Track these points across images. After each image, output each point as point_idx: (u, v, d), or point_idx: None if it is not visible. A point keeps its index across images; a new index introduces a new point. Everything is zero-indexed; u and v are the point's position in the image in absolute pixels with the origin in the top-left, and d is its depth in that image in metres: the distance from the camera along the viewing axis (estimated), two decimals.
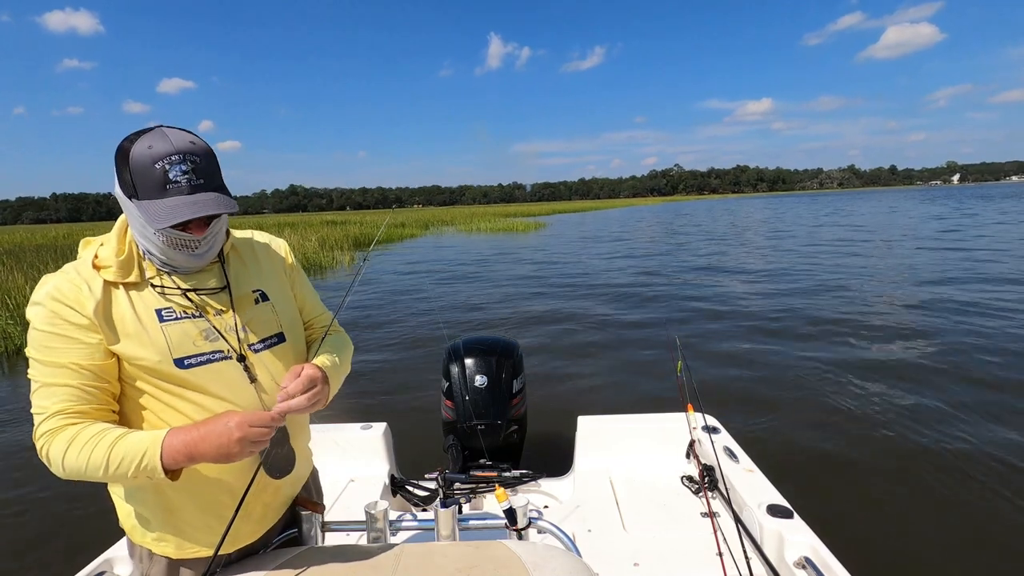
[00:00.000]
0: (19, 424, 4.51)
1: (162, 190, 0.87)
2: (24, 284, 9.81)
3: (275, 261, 1.16)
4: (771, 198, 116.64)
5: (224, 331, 0.99)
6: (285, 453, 1.05)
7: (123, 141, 0.89)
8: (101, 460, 0.85)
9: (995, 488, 2.97)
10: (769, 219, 31.60)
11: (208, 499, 1.00)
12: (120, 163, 0.88)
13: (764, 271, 11.61)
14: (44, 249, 20.29)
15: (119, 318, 0.92)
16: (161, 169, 0.86)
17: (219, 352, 0.98)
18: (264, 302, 1.07)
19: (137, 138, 0.88)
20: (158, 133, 0.88)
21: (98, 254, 0.95)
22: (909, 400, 4.26)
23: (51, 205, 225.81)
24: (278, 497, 1.12)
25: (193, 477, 0.97)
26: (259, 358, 1.03)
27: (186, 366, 0.94)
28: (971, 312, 6.95)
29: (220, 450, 0.85)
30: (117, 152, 0.89)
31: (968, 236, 16.44)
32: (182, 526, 1.00)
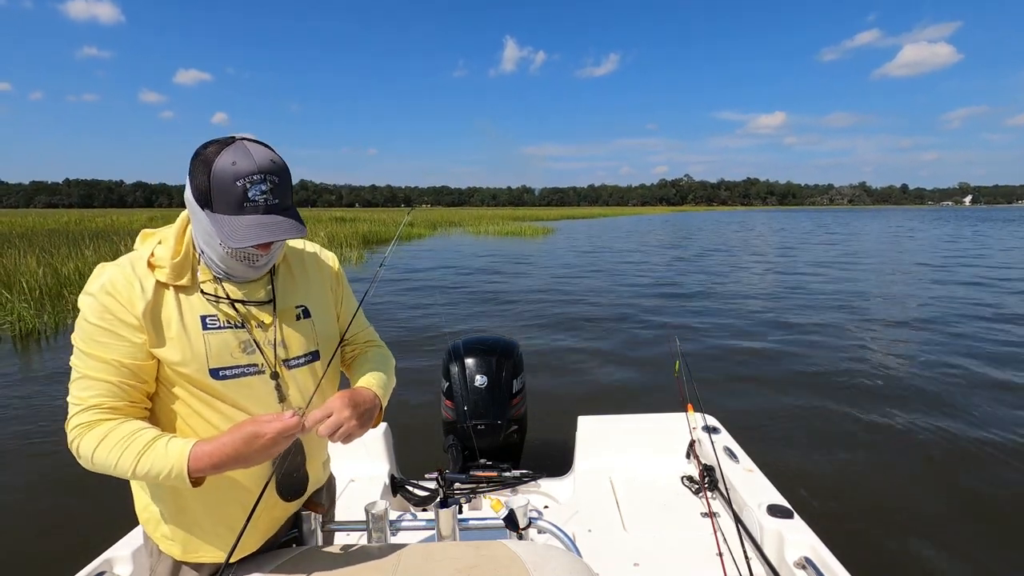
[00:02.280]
0: (24, 418, 4.56)
1: (239, 208, 0.87)
2: (36, 268, 9.89)
3: (324, 275, 1.15)
4: (781, 212, 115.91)
5: (263, 344, 0.99)
6: (300, 478, 1.06)
7: (204, 150, 0.88)
8: (130, 464, 0.86)
9: (996, 488, 2.96)
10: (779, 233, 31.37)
11: (221, 508, 1.01)
12: (199, 172, 0.87)
13: (768, 276, 11.55)
14: (56, 234, 20.49)
15: (166, 320, 0.92)
16: (242, 187, 0.86)
17: (254, 366, 0.98)
18: (306, 319, 1.07)
19: (221, 150, 0.87)
20: (240, 148, 0.87)
21: (155, 252, 0.94)
22: (909, 400, 4.26)
23: (63, 190, 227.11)
24: (287, 512, 1.13)
25: (207, 486, 0.95)
26: (292, 375, 1.03)
27: (220, 377, 0.95)
28: (974, 320, 6.91)
29: (242, 460, 0.88)
30: (197, 159, 0.88)
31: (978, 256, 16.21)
32: (192, 529, 1.01)
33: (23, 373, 5.60)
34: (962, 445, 3.46)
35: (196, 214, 0.92)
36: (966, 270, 12.49)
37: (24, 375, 5.52)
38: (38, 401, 4.70)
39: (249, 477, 1.00)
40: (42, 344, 6.64)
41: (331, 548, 1.07)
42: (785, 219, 57.93)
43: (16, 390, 5.00)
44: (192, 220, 0.95)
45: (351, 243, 19.55)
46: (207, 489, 0.96)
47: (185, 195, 0.93)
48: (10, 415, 4.42)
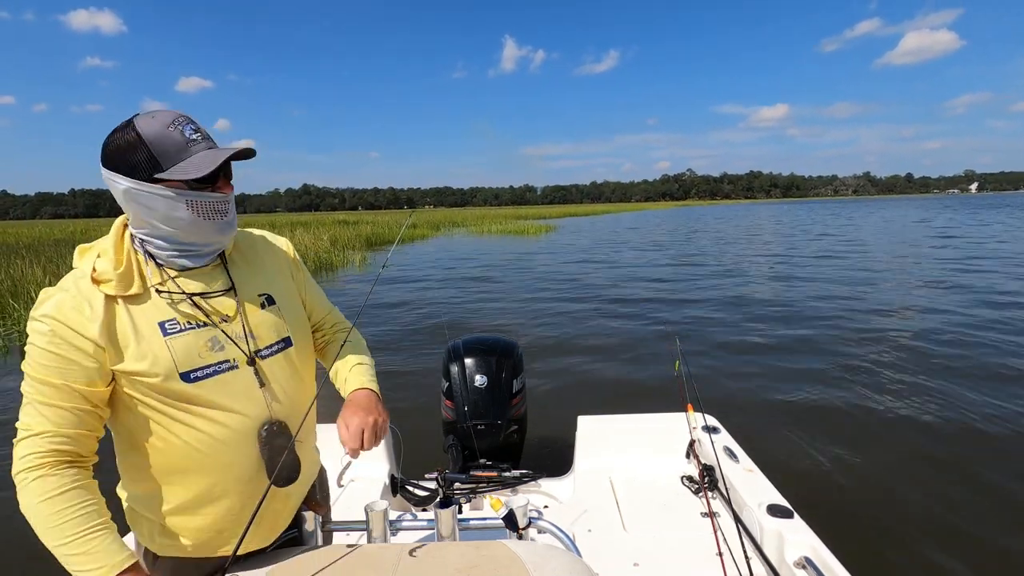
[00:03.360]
0: None
1: (185, 150, 0.88)
2: (43, 278, 10.00)
3: (280, 261, 1.12)
4: (786, 204, 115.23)
5: (233, 337, 0.97)
6: (290, 462, 1.05)
7: (116, 136, 0.88)
8: (60, 539, 0.83)
9: (996, 488, 2.94)
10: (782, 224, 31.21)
11: (212, 505, 0.98)
12: (131, 151, 0.87)
13: (769, 275, 11.50)
14: (62, 244, 20.65)
15: (122, 334, 0.89)
16: (177, 131, 0.88)
17: (226, 362, 0.96)
18: (271, 306, 1.04)
19: (129, 124, 0.88)
20: (146, 115, 0.89)
21: (96, 267, 0.90)
22: (910, 400, 4.23)
23: (69, 200, 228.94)
24: (287, 504, 1.11)
25: (192, 482, 0.96)
26: (267, 364, 1.01)
27: (192, 380, 0.92)
28: (980, 316, 6.85)
29: None
30: (116, 146, 0.88)
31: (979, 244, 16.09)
32: (191, 531, 0.99)
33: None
34: (964, 445, 3.43)
35: (142, 195, 0.88)
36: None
37: None
38: None
39: (236, 467, 0.98)
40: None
41: (331, 548, 1.07)
42: (795, 211, 57.53)
43: (14, 393, 5.06)
44: (137, 211, 0.91)
45: (355, 245, 19.64)
46: (191, 486, 0.96)
47: (121, 191, 0.89)
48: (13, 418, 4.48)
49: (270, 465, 1.00)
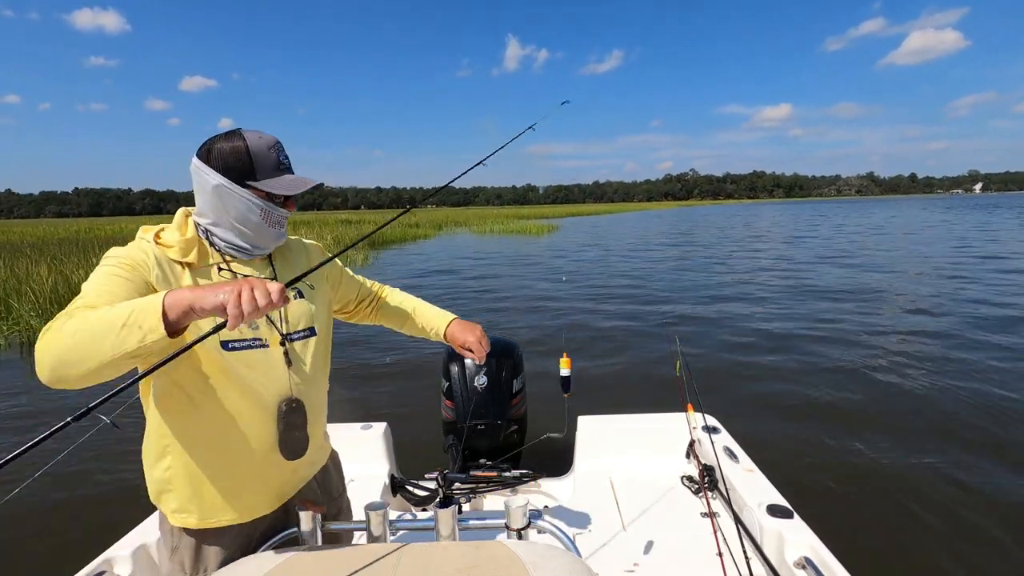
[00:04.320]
0: (26, 420, 4.61)
1: (277, 170, 1.07)
2: (47, 276, 10.05)
3: (313, 261, 1.27)
4: (790, 204, 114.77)
5: (271, 318, 1.10)
6: (301, 437, 1.14)
7: (221, 140, 1.05)
8: (105, 314, 0.81)
9: (996, 488, 2.93)
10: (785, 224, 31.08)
11: (229, 469, 1.07)
12: (233, 156, 1.04)
13: (769, 273, 11.48)
14: (66, 243, 20.75)
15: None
16: (274, 154, 1.07)
17: (258, 340, 1.07)
18: (302, 298, 1.18)
19: (239, 136, 1.05)
20: (251, 132, 1.07)
21: (160, 235, 1.05)
22: (910, 400, 4.22)
23: (73, 199, 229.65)
24: (295, 476, 1.18)
25: (216, 445, 1.05)
26: (294, 347, 1.13)
27: (229, 348, 1.04)
28: (981, 313, 6.84)
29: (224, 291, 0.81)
30: (222, 150, 1.04)
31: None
32: (204, 494, 1.07)
33: (30, 379, 5.68)
34: (965, 444, 3.42)
35: (228, 194, 1.04)
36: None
37: (30, 381, 5.60)
38: (40, 405, 4.77)
39: (254, 436, 1.07)
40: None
41: (331, 548, 1.08)
42: (807, 212, 57.26)
43: (21, 395, 5.08)
44: (220, 206, 1.05)
45: (357, 245, 19.63)
46: (215, 450, 1.06)
47: (211, 184, 1.04)
48: (13, 418, 4.50)
49: (284, 438, 1.10)
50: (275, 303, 0.83)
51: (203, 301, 0.81)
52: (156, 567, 1.69)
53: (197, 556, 1.10)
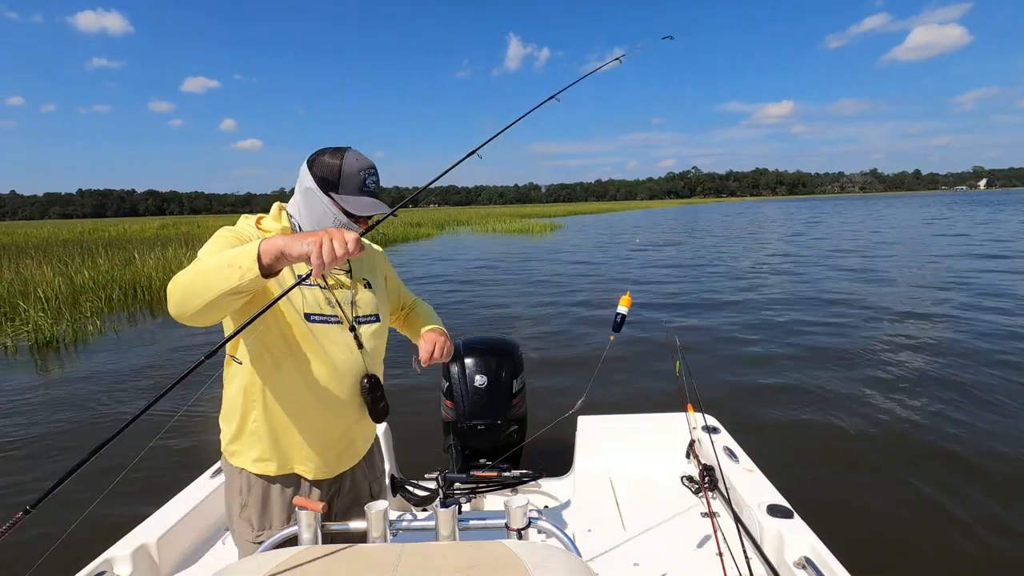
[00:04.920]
0: (30, 420, 4.63)
1: (359, 191, 1.22)
2: (52, 278, 10.07)
3: (377, 261, 1.44)
4: (795, 202, 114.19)
5: (341, 302, 1.26)
6: (384, 406, 1.33)
7: (324, 155, 1.22)
8: (215, 259, 0.99)
9: (996, 488, 2.92)
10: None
11: (308, 423, 1.23)
12: (327, 168, 1.21)
13: (769, 273, 11.45)
14: (71, 244, 20.84)
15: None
16: (362, 177, 1.22)
17: (335, 317, 1.24)
18: (369, 288, 1.35)
19: (343, 153, 1.22)
20: (354, 152, 1.24)
21: (260, 222, 1.25)
22: (911, 401, 4.21)
23: (77, 201, 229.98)
24: (357, 440, 1.35)
25: (296, 405, 1.21)
26: (363, 329, 1.29)
27: (312, 320, 1.21)
28: (983, 316, 6.79)
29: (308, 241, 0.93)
30: (322, 160, 1.22)
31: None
32: (282, 447, 1.23)
33: (39, 380, 5.71)
34: (966, 447, 3.40)
35: (315, 199, 1.21)
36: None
37: (38, 382, 5.63)
38: (47, 405, 4.79)
39: (330, 402, 1.24)
40: (60, 352, 6.77)
41: (330, 548, 1.08)
42: (806, 209, 56.91)
43: (27, 395, 5.11)
44: (305, 205, 1.23)
45: None
46: (312, 411, 1.22)
47: (304, 185, 1.23)
48: (18, 418, 4.52)
49: (372, 408, 1.30)
50: (351, 252, 0.95)
51: (291, 248, 0.95)
52: (156, 567, 1.70)
53: (264, 510, 1.26)
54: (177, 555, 1.79)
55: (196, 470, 2.14)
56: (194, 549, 1.86)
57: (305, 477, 1.28)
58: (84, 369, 6.02)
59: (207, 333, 7.38)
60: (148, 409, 0.90)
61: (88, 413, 4.62)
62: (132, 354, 6.58)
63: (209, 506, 1.96)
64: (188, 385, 0.95)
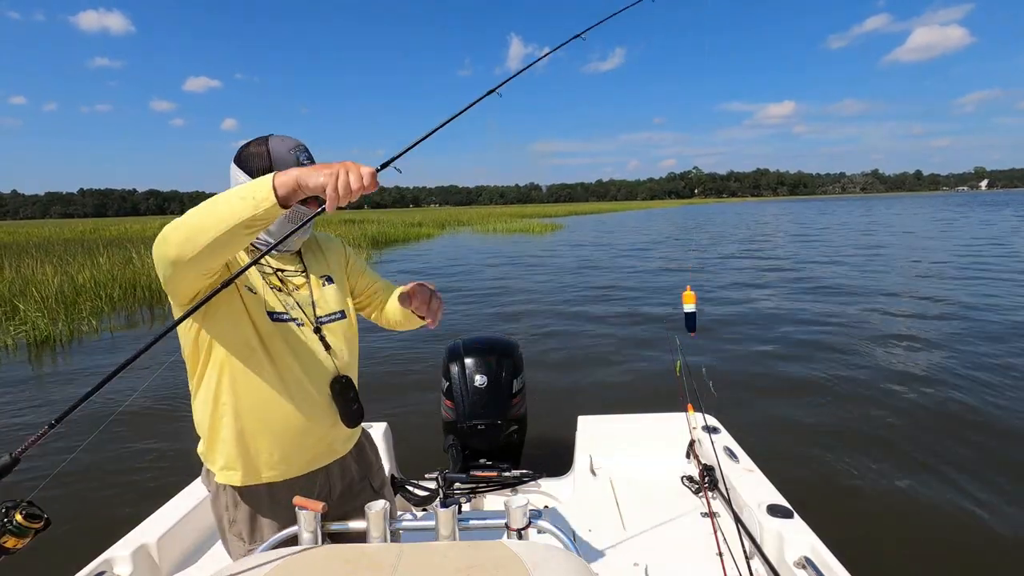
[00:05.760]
0: (28, 420, 4.64)
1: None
2: (52, 277, 10.06)
3: (337, 254, 1.38)
4: (797, 202, 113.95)
5: (302, 304, 1.22)
6: (357, 410, 1.28)
7: (249, 146, 1.16)
8: (220, 196, 0.95)
9: (996, 488, 2.91)
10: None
11: (279, 430, 1.18)
12: (256, 158, 1.14)
13: (770, 271, 11.43)
14: (72, 243, 20.84)
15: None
16: (294, 156, 1.15)
17: (296, 319, 1.20)
18: (330, 284, 1.30)
19: (265, 141, 1.16)
20: (276, 136, 1.17)
21: None
22: (911, 400, 4.20)
23: (78, 200, 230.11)
24: (335, 443, 1.29)
25: (271, 406, 1.16)
26: (329, 329, 1.25)
27: (275, 319, 1.17)
28: (982, 315, 6.78)
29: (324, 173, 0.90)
30: (248, 152, 1.16)
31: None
32: (251, 454, 1.18)
33: (34, 379, 5.72)
34: (966, 447, 3.39)
35: None
36: None
37: (34, 381, 5.64)
38: (43, 405, 4.80)
39: (308, 404, 1.20)
40: (56, 351, 6.77)
41: (330, 548, 1.08)
42: (808, 209, 56.76)
43: (24, 394, 5.12)
44: None
45: (360, 244, 19.73)
46: (268, 409, 1.16)
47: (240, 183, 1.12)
48: (15, 417, 4.53)
49: (343, 411, 1.24)
50: (367, 187, 0.93)
51: (307, 180, 0.91)
52: (156, 567, 1.70)
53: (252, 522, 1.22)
54: (177, 555, 1.79)
55: (196, 470, 2.14)
56: (194, 549, 1.86)
57: (274, 481, 1.22)
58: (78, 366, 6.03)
59: None
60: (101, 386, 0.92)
61: None
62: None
63: (209, 506, 1.96)
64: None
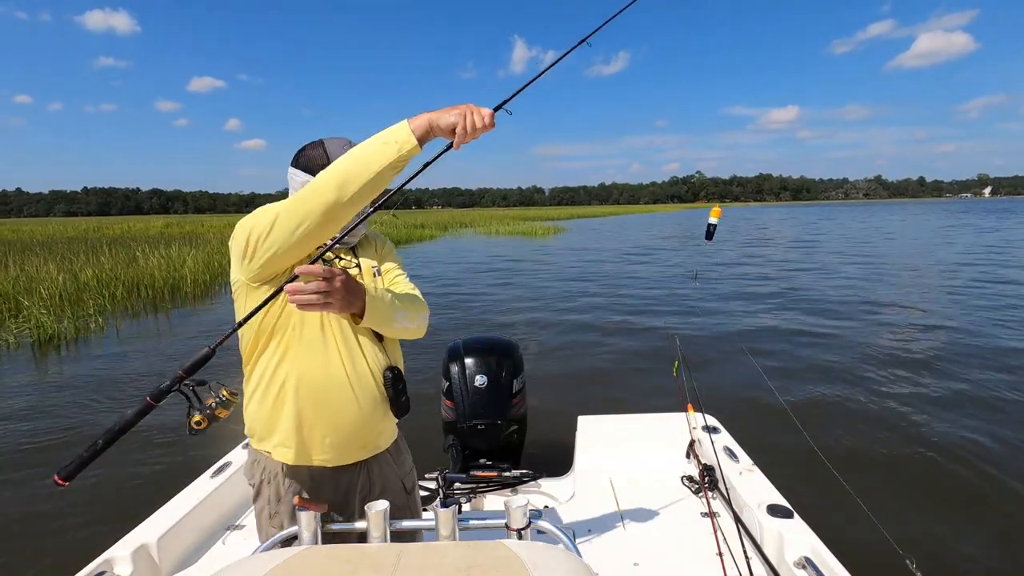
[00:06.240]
0: (30, 419, 4.66)
1: None
2: (57, 275, 10.09)
3: (386, 251, 1.47)
4: (799, 208, 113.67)
5: None
6: (405, 402, 1.35)
7: (306, 149, 1.28)
8: (353, 152, 1.06)
9: (996, 488, 2.91)
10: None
11: (335, 414, 1.23)
12: (315, 158, 1.25)
13: (769, 270, 11.42)
14: (75, 241, 20.90)
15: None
16: (346, 151, 1.19)
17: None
18: (379, 276, 1.39)
19: (322, 143, 1.28)
20: (328, 139, 1.29)
21: None
22: (911, 400, 4.20)
23: (82, 198, 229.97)
24: (381, 436, 1.36)
25: (329, 391, 1.22)
26: None
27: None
28: (983, 315, 6.76)
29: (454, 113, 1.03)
30: (306, 154, 1.27)
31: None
32: (305, 436, 1.23)
33: (37, 377, 5.73)
34: (967, 447, 3.39)
35: None
36: None
37: (37, 379, 5.65)
38: (46, 404, 4.81)
39: (363, 391, 1.26)
40: (61, 350, 6.78)
41: (330, 548, 1.08)
42: (810, 215, 56.60)
43: (26, 392, 5.13)
44: None
45: None
46: (340, 400, 1.23)
47: (299, 183, 1.26)
48: (17, 416, 4.53)
49: (394, 401, 1.32)
50: (488, 126, 1.05)
51: (440, 120, 1.03)
52: (156, 567, 1.70)
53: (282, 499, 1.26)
54: (177, 555, 1.79)
55: (196, 470, 2.15)
56: (194, 549, 1.87)
57: (325, 466, 1.28)
58: (84, 365, 6.05)
59: (214, 330, 7.41)
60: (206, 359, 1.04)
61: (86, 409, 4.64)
62: (133, 350, 6.60)
63: (209, 506, 1.97)
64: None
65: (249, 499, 2.18)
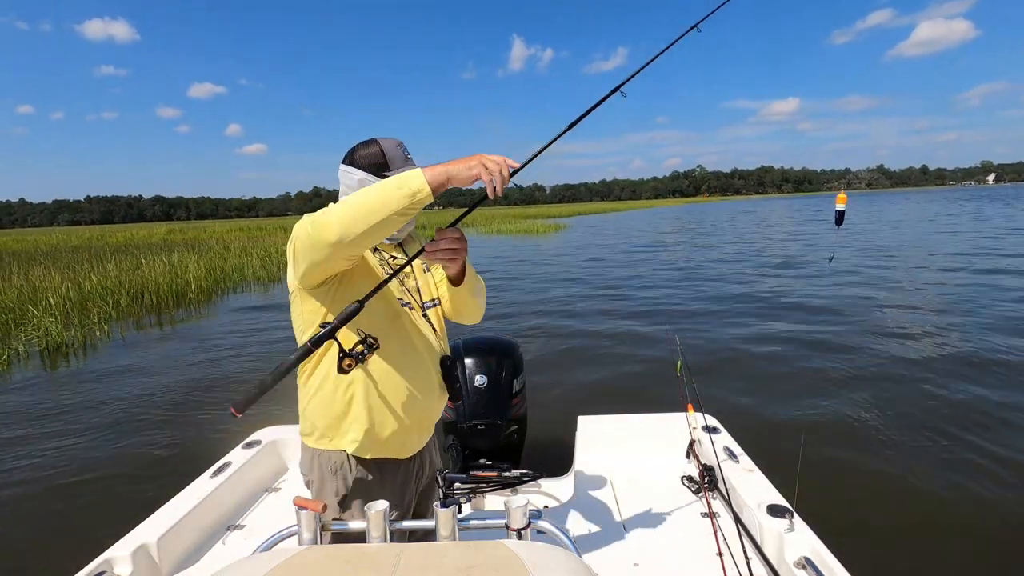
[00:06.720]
0: (30, 422, 4.69)
1: (406, 162, 1.33)
2: (60, 284, 10.15)
3: None
4: (801, 199, 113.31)
5: (411, 290, 1.36)
6: (459, 386, 1.41)
7: (360, 148, 1.33)
8: (371, 190, 1.08)
9: (997, 488, 2.89)
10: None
11: (404, 406, 1.28)
12: (370, 157, 1.31)
13: (770, 271, 11.36)
14: (79, 250, 21.02)
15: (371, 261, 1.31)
16: (401, 151, 1.33)
17: (408, 303, 1.33)
18: (427, 273, 1.45)
19: (374, 141, 1.33)
20: (382, 139, 1.33)
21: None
22: (911, 400, 4.17)
23: (85, 207, 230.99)
24: (434, 423, 1.42)
25: (397, 385, 1.26)
26: (431, 313, 1.39)
27: (402, 304, 1.31)
28: (982, 315, 6.71)
29: (471, 165, 1.07)
30: (360, 153, 1.32)
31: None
32: (379, 430, 1.27)
33: (46, 383, 5.77)
34: (967, 447, 3.36)
35: (369, 183, 1.24)
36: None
37: (46, 386, 5.69)
38: (50, 409, 4.84)
39: (427, 381, 1.31)
40: (70, 357, 6.81)
41: (330, 548, 1.08)
42: (811, 205, 56.32)
43: (32, 398, 5.17)
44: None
45: None
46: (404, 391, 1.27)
47: (356, 180, 1.30)
48: (18, 419, 4.58)
49: (451, 387, 1.38)
50: (505, 179, 1.09)
51: (459, 174, 1.07)
52: (156, 567, 1.71)
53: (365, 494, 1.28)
54: (177, 555, 1.80)
55: (196, 470, 2.16)
56: (194, 549, 1.88)
57: (398, 458, 1.32)
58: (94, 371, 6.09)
59: (217, 336, 7.43)
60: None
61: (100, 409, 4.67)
62: (143, 356, 6.64)
63: (209, 506, 1.98)
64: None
65: (249, 499, 2.20)
